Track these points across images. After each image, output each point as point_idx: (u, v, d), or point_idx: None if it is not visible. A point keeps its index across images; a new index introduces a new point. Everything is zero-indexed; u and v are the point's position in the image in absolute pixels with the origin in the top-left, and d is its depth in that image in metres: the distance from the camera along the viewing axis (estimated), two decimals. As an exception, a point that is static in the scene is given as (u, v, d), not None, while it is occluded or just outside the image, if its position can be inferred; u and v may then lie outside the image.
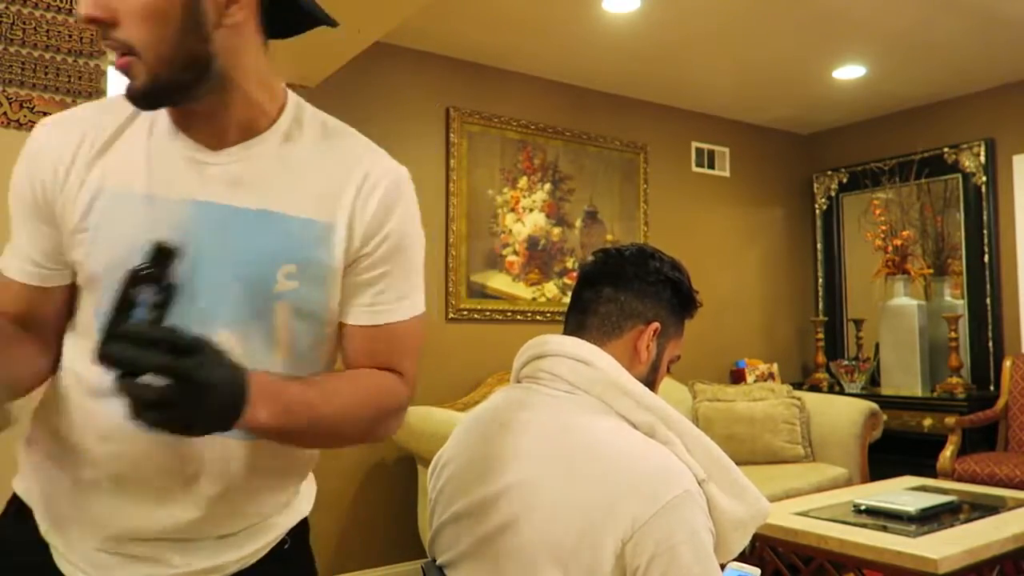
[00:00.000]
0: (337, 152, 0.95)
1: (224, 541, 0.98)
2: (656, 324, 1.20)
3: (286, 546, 1.07)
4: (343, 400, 0.92)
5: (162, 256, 0.77)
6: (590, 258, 1.29)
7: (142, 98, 0.85)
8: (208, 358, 0.73)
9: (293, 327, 0.93)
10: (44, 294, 0.94)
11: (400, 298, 0.98)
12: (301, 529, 1.11)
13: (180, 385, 0.71)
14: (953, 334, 4.39)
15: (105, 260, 0.88)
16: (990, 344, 4.52)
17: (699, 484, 1.06)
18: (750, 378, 4.68)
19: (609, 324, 1.20)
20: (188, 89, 0.85)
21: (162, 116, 0.92)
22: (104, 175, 0.90)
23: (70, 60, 2.04)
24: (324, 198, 0.92)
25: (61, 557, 0.95)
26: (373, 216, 0.93)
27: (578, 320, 1.23)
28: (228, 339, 0.88)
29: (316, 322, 0.95)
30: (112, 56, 0.85)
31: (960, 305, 4.65)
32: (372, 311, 0.96)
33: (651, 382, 1.21)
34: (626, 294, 1.21)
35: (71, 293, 0.96)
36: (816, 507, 2.65)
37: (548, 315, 4.15)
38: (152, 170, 0.90)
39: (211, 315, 0.88)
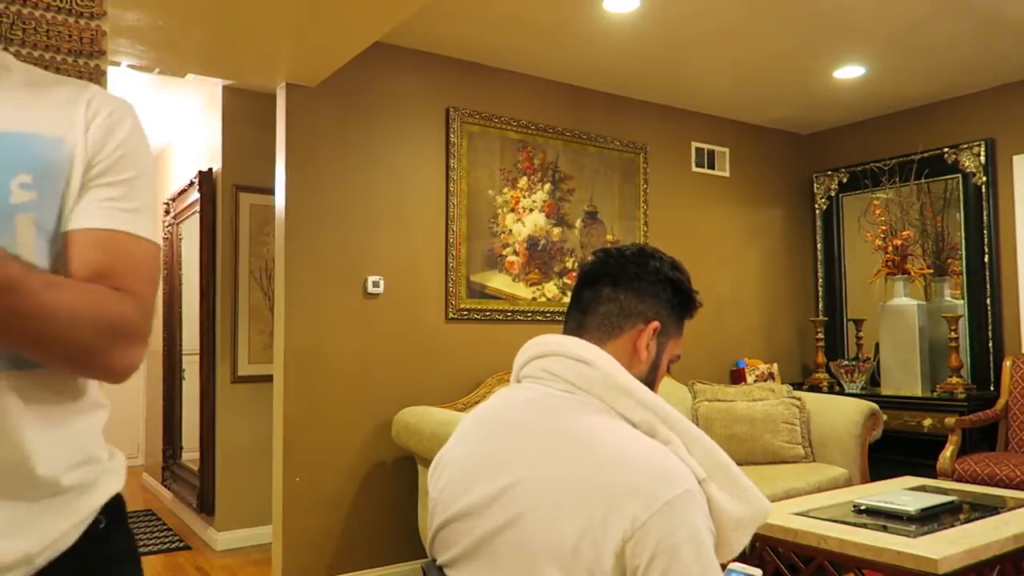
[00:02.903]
0: (58, 82, 0.97)
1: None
2: (656, 323, 1.20)
3: (101, 526, 0.97)
4: (67, 296, 0.84)
5: None
6: (590, 258, 1.29)
7: None
8: None
9: (37, 247, 0.89)
10: None
11: (132, 211, 0.95)
12: (115, 507, 1.00)
13: None
14: (953, 334, 4.39)
15: None
16: (990, 344, 4.52)
17: (699, 483, 1.06)
18: (750, 378, 4.68)
19: (609, 323, 1.20)
20: None
21: None
22: None
23: (70, 60, 2.04)
24: (51, 118, 0.92)
25: None
26: (102, 128, 0.94)
27: (578, 319, 1.23)
28: None
29: (56, 240, 0.91)
30: (112, 57, 0.86)
31: (960, 305, 4.65)
32: (103, 212, 0.93)
33: (651, 381, 1.21)
34: (626, 293, 1.21)
35: None
36: (816, 507, 2.65)
37: (548, 315, 4.15)
38: None
39: None
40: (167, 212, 5.46)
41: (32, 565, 0.87)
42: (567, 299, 1.28)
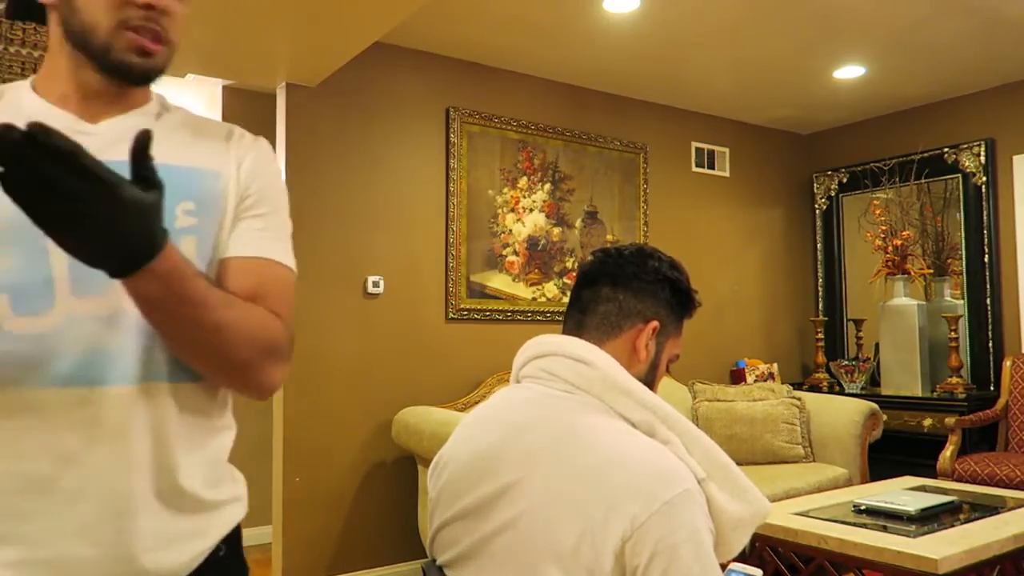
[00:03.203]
0: (206, 124, 1.07)
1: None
2: (655, 323, 1.21)
3: (221, 554, 0.99)
4: (240, 314, 0.91)
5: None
6: (589, 258, 1.29)
7: (154, 79, 0.96)
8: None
9: (199, 264, 0.95)
10: None
11: (278, 240, 1.04)
12: (235, 536, 1.04)
13: (93, 184, 0.69)
14: (953, 334, 4.39)
15: None
16: (990, 344, 4.52)
17: (698, 483, 1.06)
18: (750, 378, 4.68)
19: (608, 323, 1.20)
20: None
21: (29, 93, 0.97)
22: None
23: (70, 60, 2.04)
24: (207, 155, 1.01)
25: None
26: (252, 166, 1.04)
27: (577, 319, 1.24)
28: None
29: (211, 263, 0.98)
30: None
31: (960, 305, 4.65)
32: (255, 241, 1.01)
33: (650, 381, 1.21)
34: (625, 293, 1.21)
35: None
36: (816, 507, 2.65)
37: (548, 315, 4.15)
38: None
39: None
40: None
41: None
42: (567, 299, 1.28)
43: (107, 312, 0.89)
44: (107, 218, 0.71)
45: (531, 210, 4.16)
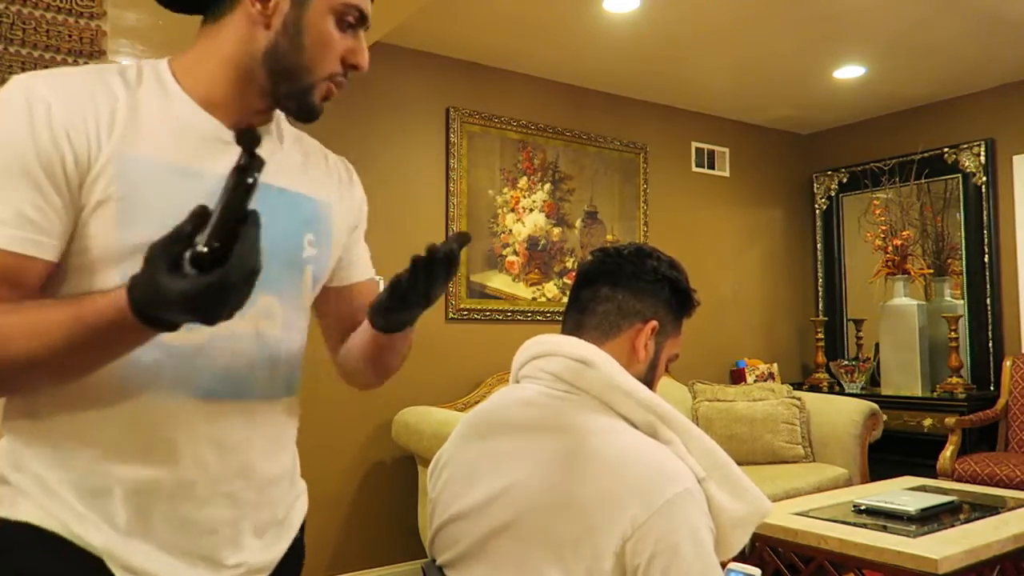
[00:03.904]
0: (306, 142, 1.12)
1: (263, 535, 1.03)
2: (654, 322, 1.20)
3: (298, 536, 1.12)
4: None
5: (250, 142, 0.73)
6: (588, 257, 1.29)
7: (316, 117, 1.01)
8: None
9: (311, 293, 1.08)
10: (29, 268, 0.85)
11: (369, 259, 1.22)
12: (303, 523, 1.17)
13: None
14: (953, 334, 4.39)
15: (149, 231, 0.80)
16: (990, 344, 4.52)
17: (699, 483, 1.06)
18: (750, 378, 4.68)
19: (607, 323, 1.20)
20: None
21: (172, 83, 0.95)
22: (126, 142, 0.88)
23: (70, 60, 2.04)
24: (317, 183, 1.08)
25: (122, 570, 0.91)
26: (352, 194, 1.15)
27: (576, 319, 1.23)
28: (271, 303, 0.98)
29: (317, 286, 1.09)
30: (112, 57, 0.89)
31: (960, 305, 4.65)
32: (368, 264, 1.22)
33: (650, 381, 1.21)
34: (624, 293, 1.21)
35: (47, 275, 0.88)
36: (816, 507, 2.65)
37: (548, 315, 4.15)
38: (179, 144, 0.92)
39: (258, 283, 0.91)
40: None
41: (271, 568, 1.03)
42: (567, 299, 1.29)
43: (249, 331, 0.96)
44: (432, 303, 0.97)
45: (531, 210, 4.16)
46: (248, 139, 0.70)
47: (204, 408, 0.93)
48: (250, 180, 0.69)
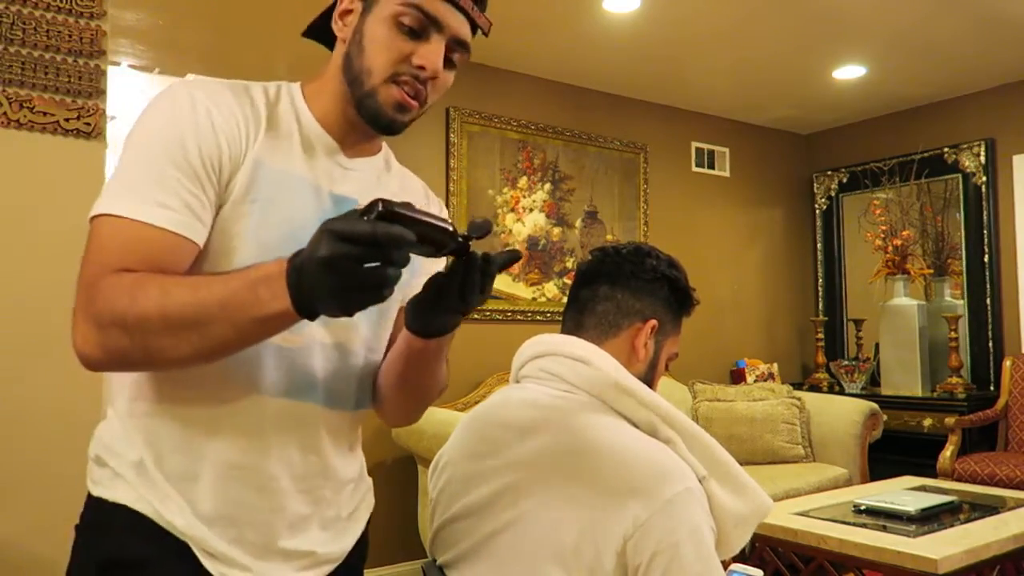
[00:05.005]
0: (409, 180, 1.17)
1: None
2: (654, 322, 1.20)
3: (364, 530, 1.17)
4: (445, 366, 1.10)
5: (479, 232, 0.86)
6: (587, 257, 1.29)
7: (397, 131, 1.02)
8: None
9: (395, 313, 1.10)
10: (183, 249, 0.91)
11: None
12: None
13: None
14: (953, 334, 4.39)
15: (279, 233, 0.94)
16: (990, 344, 4.52)
17: (700, 481, 1.06)
18: (750, 378, 4.68)
19: (607, 323, 1.20)
20: None
21: (308, 116, 1.03)
22: (265, 151, 0.97)
23: (70, 60, 2.04)
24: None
25: (216, 561, 0.96)
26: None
27: (575, 319, 1.23)
28: (360, 324, 1.03)
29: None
30: (112, 57, 0.89)
31: (960, 305, 4.65)
32: None
33: (650, 380, 1.21)
34: (623, 292, 1.21)
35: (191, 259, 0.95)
36: (816, 507, 2.65)
37: (548, 315, 4.15)
38: (308, 160, 1.00)
39: None
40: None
41: (340, 560, 1.09)
42: (567, 299, 1.29)
43: (339, 341, 1.02)
44: (471, 310, 0.92)
45: (531, 210, 4.16)
46: (478, 229, 0.83)
47: (296, 409, 0.99)
48: (451, 226, 0.79)
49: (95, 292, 0.84)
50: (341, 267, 0.71)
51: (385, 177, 1.10)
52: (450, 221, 0.75)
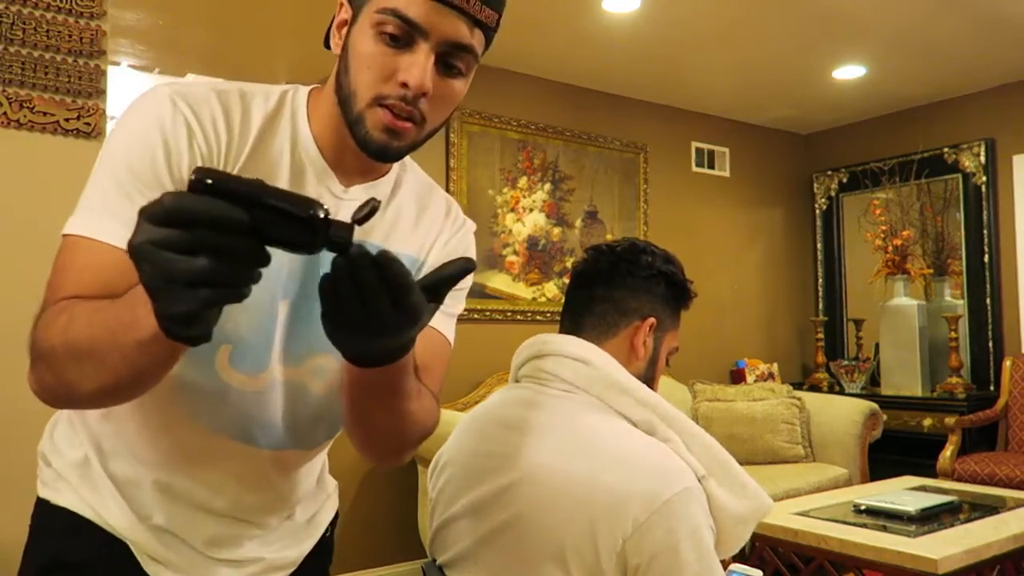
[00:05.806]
0: (431, 195, 1.07)
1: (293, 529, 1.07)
2: (652, 319, 1.20)
3: (327, 535, 1.15)
4: (420, 404, 0.92)
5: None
6: (582, 256, 1.28)
7: (394, 158, 0.94)
8: None
9: None
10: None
11: (447, 316, 1.05)
12: (334, 523, 1.19)
13: (409, 314, 0.67)
14: (953, 334, 4.39)
15: None
16: (990, 344, 4.52)
17: (699, 481, 1.06)
18: (750, 378, 4.68)
19: (605, 323, 1.20)
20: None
21: (306, 134, 0.94)
22: (245, 174, 0.86)
23: (70, 60, 2.04)
24: (419, 240, 1.02)
25: (157, 565, 0.95)
26: (452, 249, 1.04)
27: (573, 320, 1.23)
28: (328, 362, 0.95)
29: None
30: (112, 57, 0.87)
31: (960, 305, 4.65)
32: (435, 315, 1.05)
33: (650, 377, 1.21)
34: (620, 292, 1.20)
35: None
36: (816, 507, 2.65)
37: (548, 315, 4.15)
38: (294, 187, 0.92)
39: None
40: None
41: (296, 565, 1.07)
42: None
43: (301, 381, 0.94)
44: (399, 332, 0.68)
45: (531, 210, 4.16)
46: (358, 213, 0.64)
47: (244, 452, 0.95)
48: (322, 214, 0.59)
49: (35, 324, 0.79)
50: (150, 256, 0.56)
51: (392, 203, 1.01)
52: (324, 205, 0.58)
